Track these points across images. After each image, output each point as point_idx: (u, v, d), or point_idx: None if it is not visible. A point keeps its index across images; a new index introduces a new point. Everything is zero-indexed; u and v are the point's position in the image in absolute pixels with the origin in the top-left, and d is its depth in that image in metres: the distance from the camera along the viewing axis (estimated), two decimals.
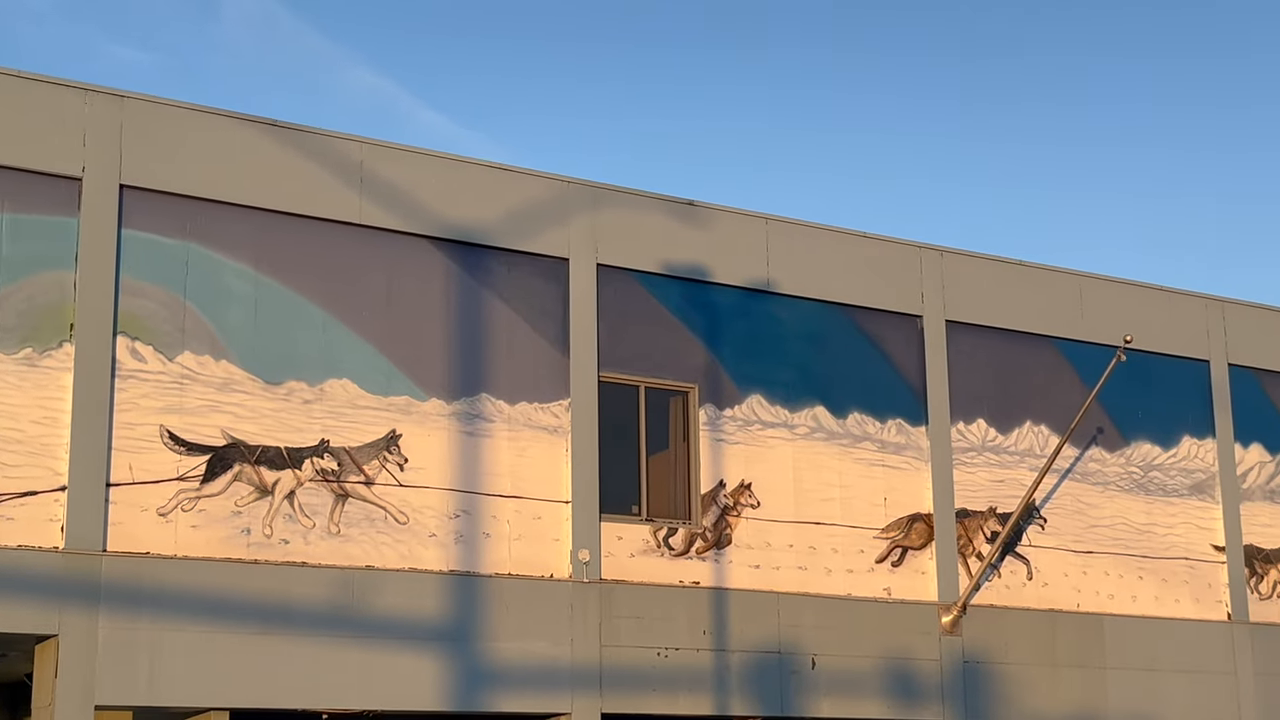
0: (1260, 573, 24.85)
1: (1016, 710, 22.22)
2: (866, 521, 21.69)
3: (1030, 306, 23.64)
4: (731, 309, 21.34)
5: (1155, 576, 23.81)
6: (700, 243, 21.15)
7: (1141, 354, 23.86)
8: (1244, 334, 25.49)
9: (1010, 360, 23.37)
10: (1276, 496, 25.33)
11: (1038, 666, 22.43)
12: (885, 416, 22.16)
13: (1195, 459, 24.65)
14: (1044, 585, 22.86)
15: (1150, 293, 24.81)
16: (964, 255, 23.28)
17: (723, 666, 20.12)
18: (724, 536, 20.61)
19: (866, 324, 22.30)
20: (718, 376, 21.06)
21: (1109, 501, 23.69)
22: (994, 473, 22.86)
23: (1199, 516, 24.47)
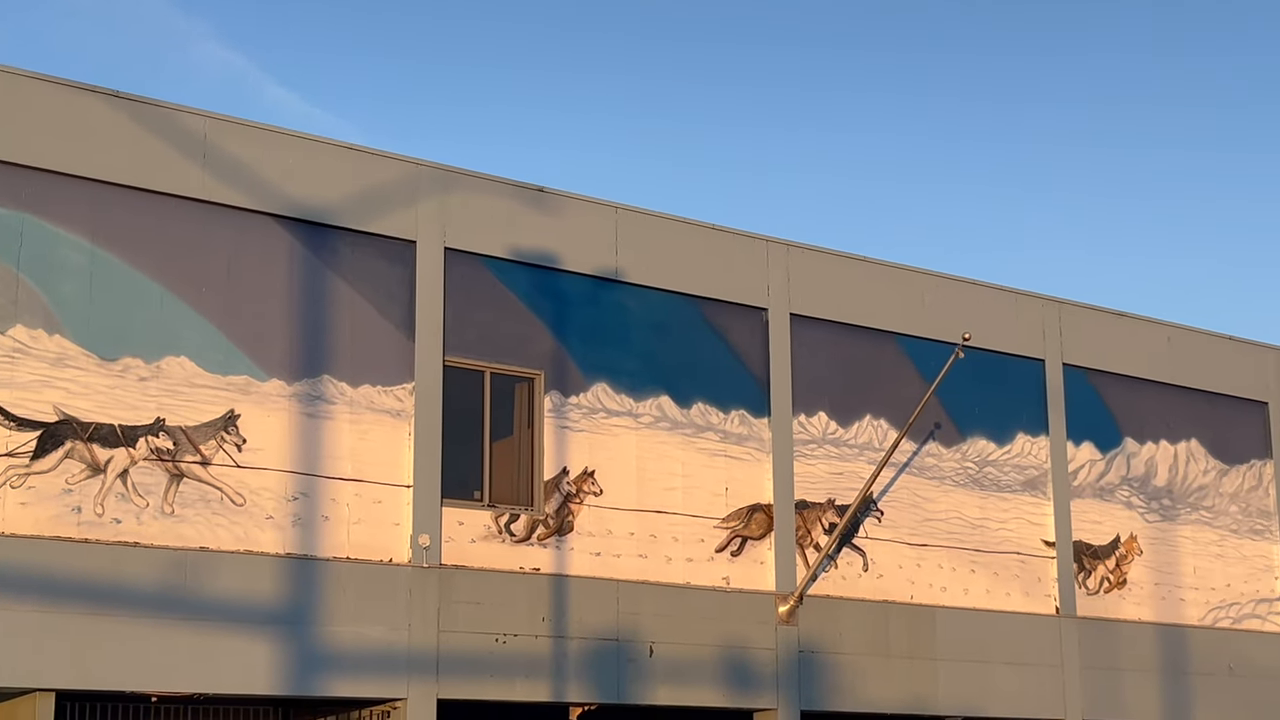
0: (1088, 568, 25.50)
1: (849, 699, 22.56)
2: (707, 511, 21.85)
3: (873, 302, 23.98)
4: (579, 297, 21.35)
5: (987, 570, 24.32)
6: (549, 229, 21.13)
7: (980, 352, 24.34)
8: (1079, 334, 26.12)
9: (853, 354, 23.69)
10: (1106, 494, 25.99)
11: (871, 657, 22.79)
12: (729, 407, 22.34)
13: (1029, 456, 25.21)
14: (879, 577, 23.22)
15: (989, 292, 25.30)
16: (810, 250, 23.53)
17: (561, 653, 20.15)
18: (566, 523, 20.62)
19: (713, 315, 22.45)
20: (564, 364, 21.06)
21: (944, 496, 24.13)
22: (833, 465, 23.16)
23: (1031, 512, 25.03)
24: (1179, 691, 25.98)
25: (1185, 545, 26.73)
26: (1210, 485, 27.33)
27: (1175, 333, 27.40)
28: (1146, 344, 26.99)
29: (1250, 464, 27.96)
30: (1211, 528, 27.14)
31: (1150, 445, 26.71)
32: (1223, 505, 27.39)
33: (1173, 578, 26.44)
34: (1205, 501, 27.18)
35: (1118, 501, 26.07)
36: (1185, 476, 27.01)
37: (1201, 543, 26.92)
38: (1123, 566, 25.88)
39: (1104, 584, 25.63)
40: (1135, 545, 26.07)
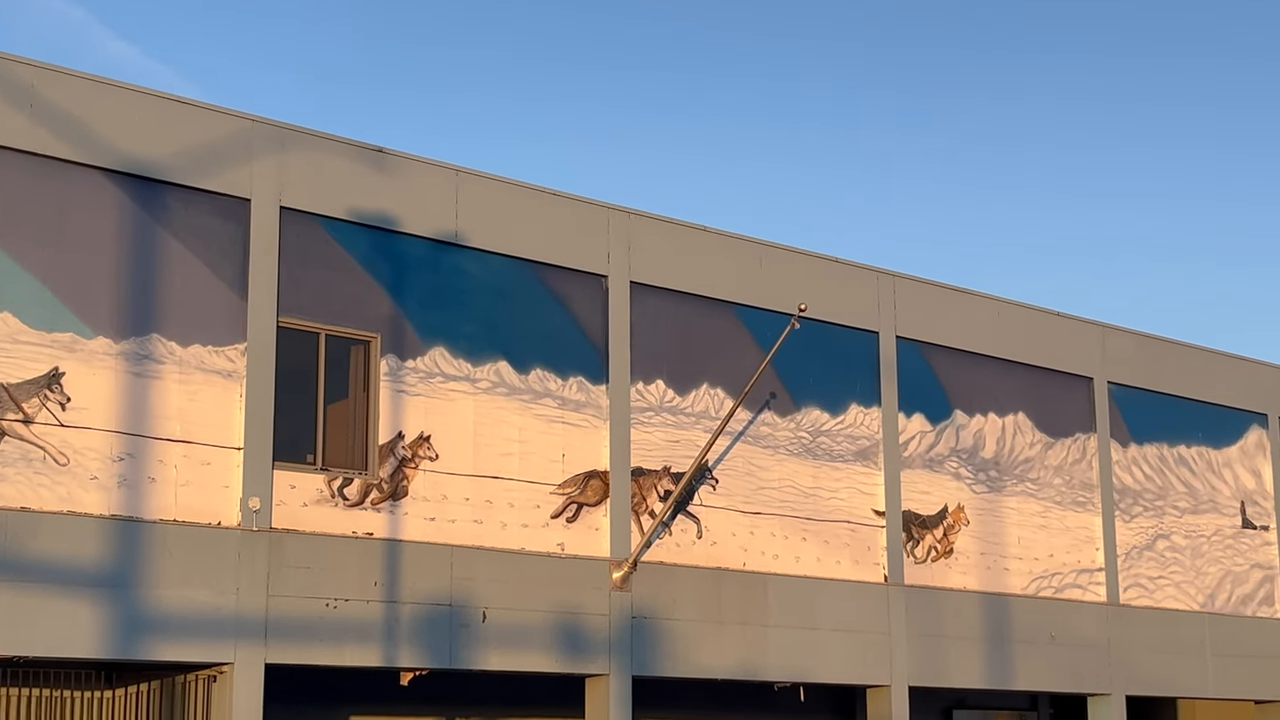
0: (917, 537, 25.98)
1: (681, 665, 22.75)
2: (544, 477, 21.84)
3: (712, 271, 24.12)
4: (418, 260, 21.16)
5: (818, 538, 24.66)
6: (388, 191, 20.90)
7: (815, 323, 24.63)
8: (912, 307, 26.55)
9: (691, 323, 23.82)
10: (935, 465, 26.49)
11: (703, 623, 23.00)
12: (567, 374, 22.34)
13: (861, 426, 25.59)
14: (713, 544, 23.43)
15: (825, 264, 25.60)
16: (651, 218, 23.59)
17: (392, 618, 20.02)
18: (400, 488, 20.48)
19: (552, 281, 22.41)
20: (401, 327, 20.87)
21: (778, 464, 24.41)
22: (670, 433, 23.29)
23: (862, 482, 25.42)
24: (1002, 658, 26.63)
25: (1011, 516, 27.36)
26: (1036, 458, 27.99)
27: (1004, 307, 28.00)
28: (976, 318, 27.53)
29: (1075, 437, 28.68)
30: (1036, 499, 27.81)
31: (979, 418, 27.27)
32: (1047, 477, 28.08)
33: (998, 548, 27.06)
34: (1031, 473, 27.84)
35: (946, 472, 26.60)
36: (1012, 449, 27.63)
37: (1026, 514, 27.58)
38: (950, 536, 26.42)
39: (931, 553, 26.14)
40: (962, 515, 26.63)
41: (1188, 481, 30.36)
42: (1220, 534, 30.73)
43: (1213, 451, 30.98)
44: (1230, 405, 31.39)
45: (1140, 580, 29.07)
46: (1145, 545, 29.34)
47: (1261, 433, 31.94)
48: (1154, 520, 29.59)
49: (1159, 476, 29.88)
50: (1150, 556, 29.38)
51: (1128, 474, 29.35)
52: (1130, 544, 29.06)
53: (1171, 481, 30.07)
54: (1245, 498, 31.38)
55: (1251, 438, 31.76)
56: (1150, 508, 29.56)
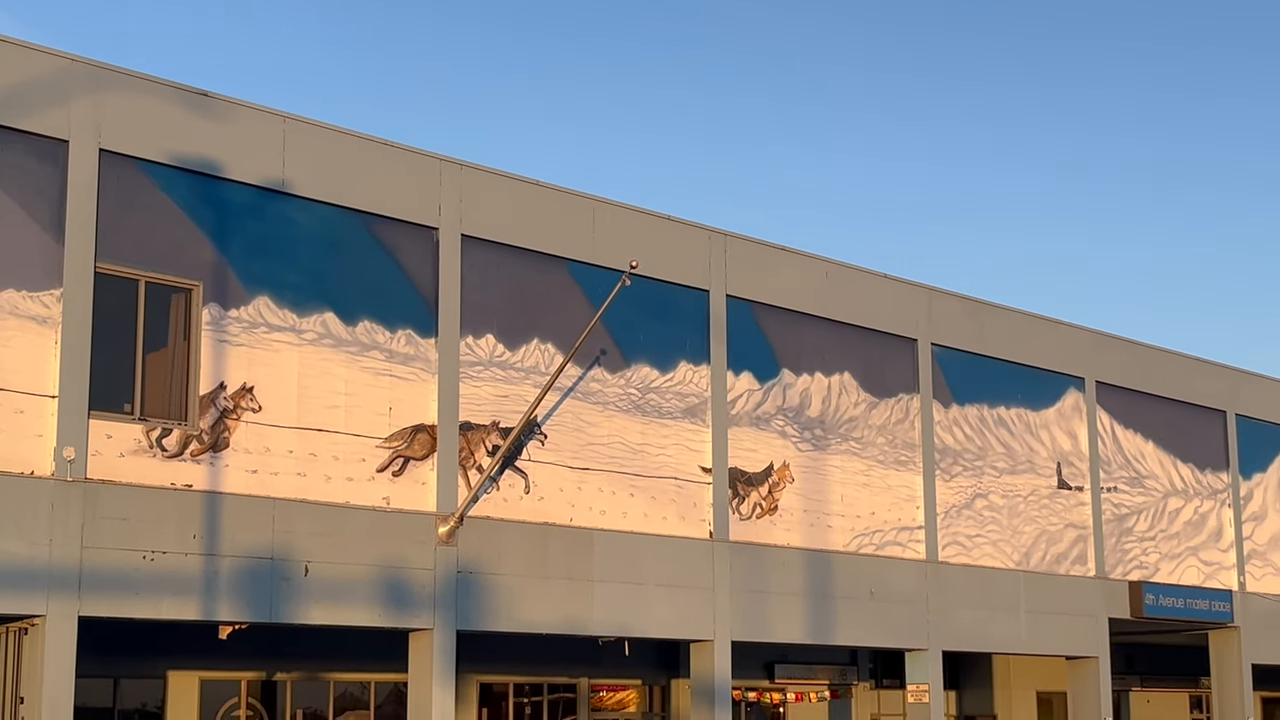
0: (742, 494, 26.25)
1: (506, 620, 22.75)
2: (370, 430, 21.63)
3: (545, 227, 24.03)
4: (243, 207, 20.76)
5: (645, 494, 24.80)
6: (214, 136, 20.45)
7: (646, 280, 24.69)
8: (742, 267, 26.74)
9: (522, 278, 23.72)
10: (762, 423, 26.77)
11: (529, 578, 23.01)
12: (395, 326, 22.11)
13: (690, 384, 25.74)
14: (540, 499, 23.43)
15: (658, 221, 25.66)
16: (483, 171, 23.41)
17: (212, 571, 19.71)
18: (221, 440, 20.13)
19: (382, 232, 22.14)
20: (224, 275, 20.47)
21: (607, 421, 24.47)
22: (499, 388, 23.20)
23: (690, 439, 25.60)
24: (824, 614, 27.06)
25: (835, 474, 27.78)
26: (860, 417, 28.43)
27: (833, 268, 28.33)
28: (806, 278, 27.83)
29: (899, 398, 29.18)
30: (860, 458, 28.26)
31: (806, 377, 27.60)
32: (871, 437, 28.54)
33: (822, 505, 27.46)
34: (855, 433, 28.27)
35: (773, 430, 26.90)
36: (837, 408, 28.03)
37: (850, 472, 28.02)
38: (775, 493, 26.74)
39: (756, 510, 26.44)
40: (788, 473, 26.97)
41: (1006, 442, 31.09)
42: (1036, 494, 31.53)
43: (1031, 413, 31.74)
44: (1049, 368, 32.18)
45: (958, 538, 29.74)
46: (964, 504, 30.01)
47: (1078, 395, 32.80)
48: (973, 480, 30.25)
49: (979, 437, 30.56)
50: (969, 515, 30.06)
51: (949, 434, 29.96)
52: (950, 503, 29.69)
53: (991, 442, 30.77)
54: (1061, 459, 32.23)
55: (1069, 400, 32.61)
56: (970, 468, 30.22)
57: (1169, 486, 34.62)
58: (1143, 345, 34.73)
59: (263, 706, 25.60)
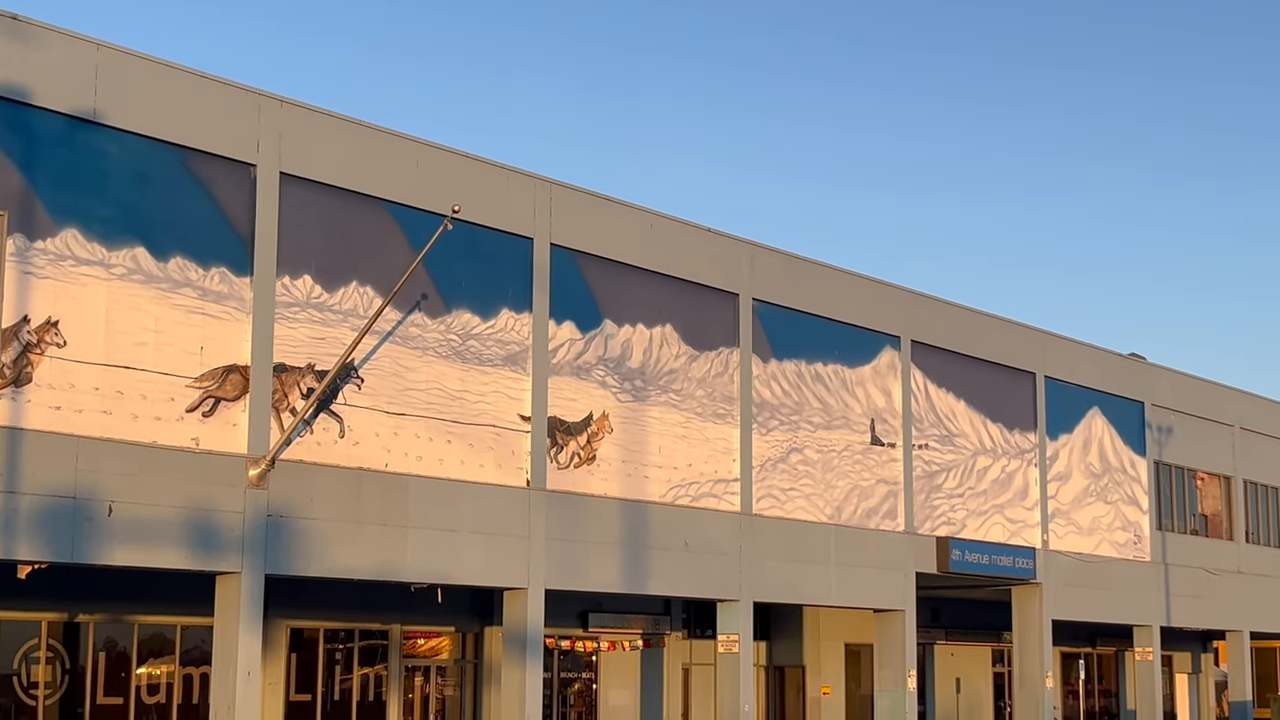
0: (561, 443, 26.25)
1: (317, 565, 22.49)
2: (180, 369, 21.15)
3: (367, 167, 23.67)
4: (52, 136, 20.08)
5: (463, 441, 24.66)
6: (22, 61, 19.73)
7: (470, 225, 24.49)
8: (568, 216, 26.65)
9: (343, 219, 23.35)
10: (583, 373, 26.78)
11: (342, 523, 22.76)
12: (209, 264, 21.62)
13: (512, 331, 25.62)
14: (355, 444, 23.16)
15: (483, 167, 25.43)
16: (305, 108, 22.96)
17: (11, 509, 19.14)
18: (24, 374, 19.52)
19: (197, 167, 21.60)
20: (31, 205, 19.81)
21: (426, 366, 24.25)
22: (316, 329, 22.85)
23: (510, 387, 25.50)
24: (638, 564, 27.23)
25: (654, 426, 27.91)
26: (680, 369, 28.58)
27: (658, 221, 28.38)
28: (630, 229, 27.84)
29: (719, 351, 29.39)
30: (679, 410, 28.43)
31: (628, 328, 27.65)
32: (690, 389, 28.72)
33: (640, 456, 27.59)
34: (675, 385, 28.42)
35: (593, 380, 26.92)
36: (658, 360, 28.15)
37: (668, 424, 28.17)
38: (594, 443, 26.79)
39: (575, 459, 26.46)
40: (607, 423, 27.03)
41: (823, 398, 31.52)
42: (850, 449, 32.04)
43: (848, 370, 32.21)
44: (866, 326, 32.68)
45: (773, 491, 30.12)
46: (779, 458, 30.38)
47: (894, 354, 33.38)
48: (789, 434, 30.64)
49: (796, 392, 30.94)
50: (784, 469, 30.45)
51: (767, 388, 30.28)
52: (765, 456, 30.04)
53: (808, 397, 31.17)
54: (876, 416, 32.79)
55: (884, 358, 33.16)
56: (786, 422, 30.59)
57: (978, 445, 35.45)
58: (957, 306, 35.44)
59: (64, 648, 25.00)
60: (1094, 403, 39.47)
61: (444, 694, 30.49)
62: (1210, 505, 44.13)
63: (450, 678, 30.66)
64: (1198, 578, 42.54)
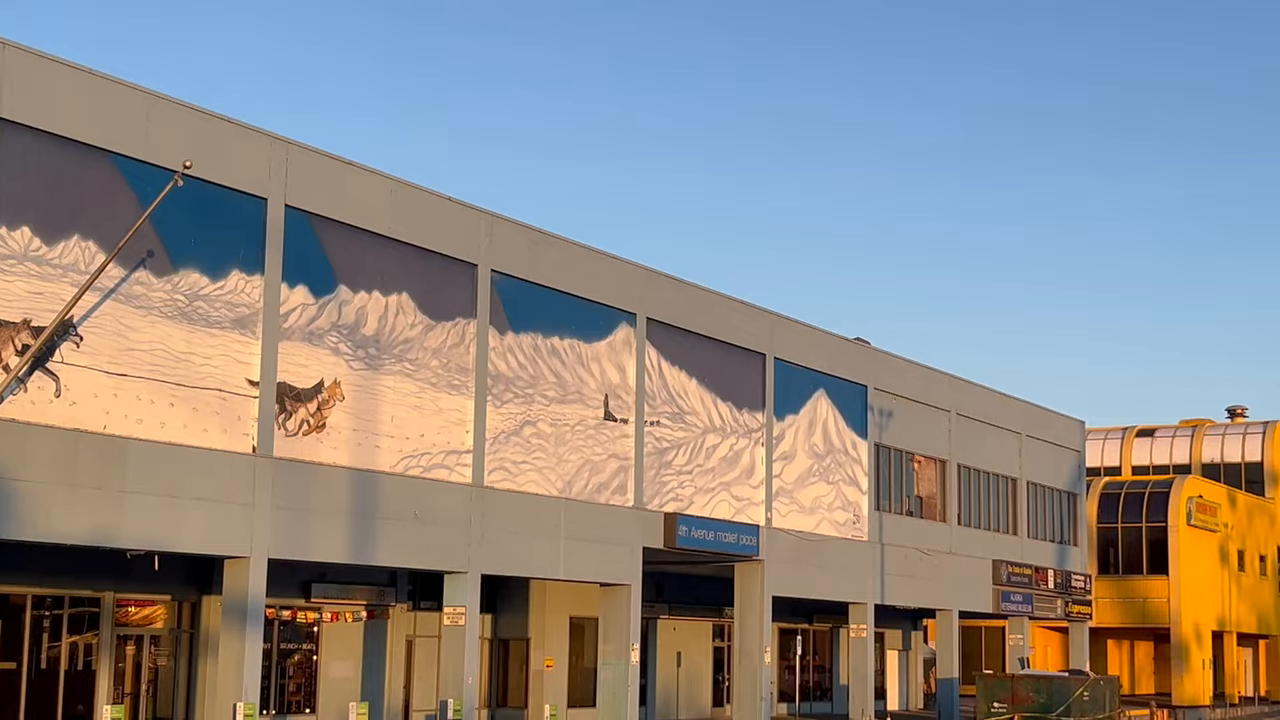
0: (290, 410, 25.65)
1: (29, 529, 21.54)
2: None
3: (94, 118, 22.68)
4: None
5: (187, 405, 23.87)
6: None
7: (202, 182, 23.70)
8: (305, 177, 26.01)
9: (66, 170, 22.34)
10: (315, 338, 26.20)
11: (56, 486, 21.83)
12: None
13: (242, 294, 24.90)
14: (72, 404, 22.22)
15: (218, 123, 24.62)
16: (28, 52, 21.88)
17: None
18: None
19: None
20: None
21: (150, 326, 23.39)
22: (34, 284, 21.82)
23: (238, 350, 24.79)
24: (366, 534, 26.82)
25: (386, 395, 27.50)
26: (416, 339, 28.21)
27: (398, 187, 27.94)
28: (370, 195, 27.34)
29: (456, 322, 29.11)
30: (413, 380, 28.07)
31: (363, 294, 27.17)
32: (426, 359, 28.38)
33: (371, 425, 27.15)
34: (410, 354, 28.04)
35: (326, 347, 26.38)
36: (393, 328, 27.72)
37: (402, 393, 27.79)
38: (324, 411, 26.26)
39: (304, 427, 25.90)
40: (338, 391, 26.52)
41: (558, 372, 31.53)
42: (584, 424, 32.13)
43: (584, 345, 32.28)
44: (603, 302, 32.78)
45: (505, 464, 30.00)
46: (513, 431, 30.27)
47: (630, 330, 33.57)
48: (523, 407, 30.55)
49: (532, 365, 30.86)
50: (517, 442, 30.35)
51: (503, 361, 30.13)
52: (499, 429, 29.90)
53: (543, 371, 31.13)
54: (610, 391, 32.94)
55: (620, 334, 33.33)
56: (521, 395, 30.50)
57: (708, 423, 35.94)
58: (692, 285, 35.83)
59: None
60: (820, 385, 40.42)
61: (157, 664, 29.57)
62: (926, 488, 45.67)
63: (164, 647, 29.75)
64: (911, 558, 44.00)
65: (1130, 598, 61.55)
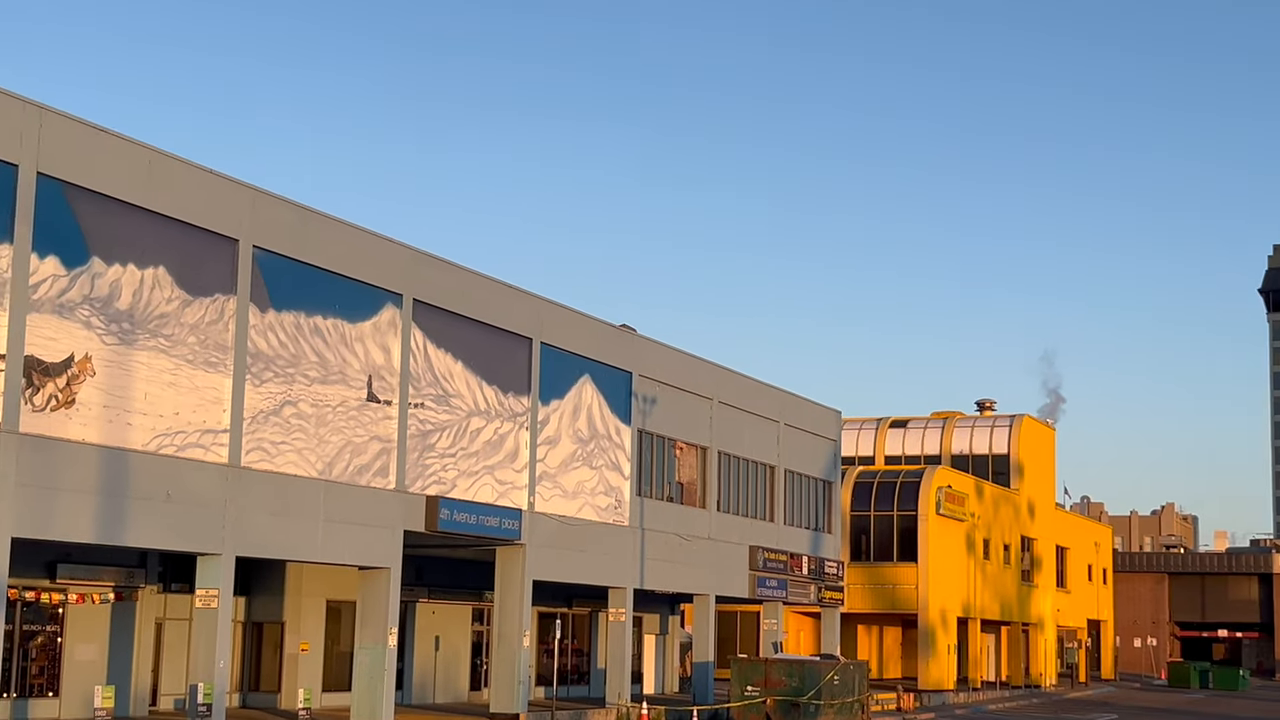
0: (37, 385, 24.73)
1: None
2: None
3: None
4: None
5: None
6: None
7: None
8: (60, 144, 25.08)
9: None
10: (65, 311, 25.30)
11: None
12: None
13: None
14: None
15: None
16: None
17: None
18: None
19: None
20: None
21: None
22: None
23: None
24: (116, 514, 26.01)
25: (140, 371, 26.70)
26: (173, 314, 27.44)
27: (156, 158, 27.12)
28: (128, 165, 26.50)
29: (215, 298, 28.41)
30: (169, 356, 27.30)
31: (118, 267, 26.33)
32: (182, 335, 27.63)
33: (124, 401, 26.34)
34: (166, 329, 27.27)
35: (77, 320, 25.49)
36: (149, 303, 26.92)
37: (156, 370, 27.01)
38: (74, 386, 25.39)
39: (52, 402, 25.00)
40: (89, 366, 25.65)
41: (321, 352, 31.01)
42: (346, 405, 31.68)
43: (348, 325, 31.81)
44: (369, 282, 32.36)
45: (263, 444, 29.41)
46: (272, 410, 29.69)
47: (396, 311, 33.20)
48: (284, 386, 29.99)
49: (294, 344, 30.30)
50: (276, 422, 29.78)
51: (263, 339, 29.52)
52: (258, 408, 29.29)
53: (305, 350, 30.59)
54: (374, 372, 32.54)
55: (385, 315, 32.94)
56: (281, 374, 29.93)
57: (473, 406, 35.78)
58: (460, 267, 35.61)
59: None
60: (586, 371, 40.57)
61: None
62: (687, 474, 46.23)
63: None
64: (671, 543, 44.49)
65: (881, 584, 63.31)
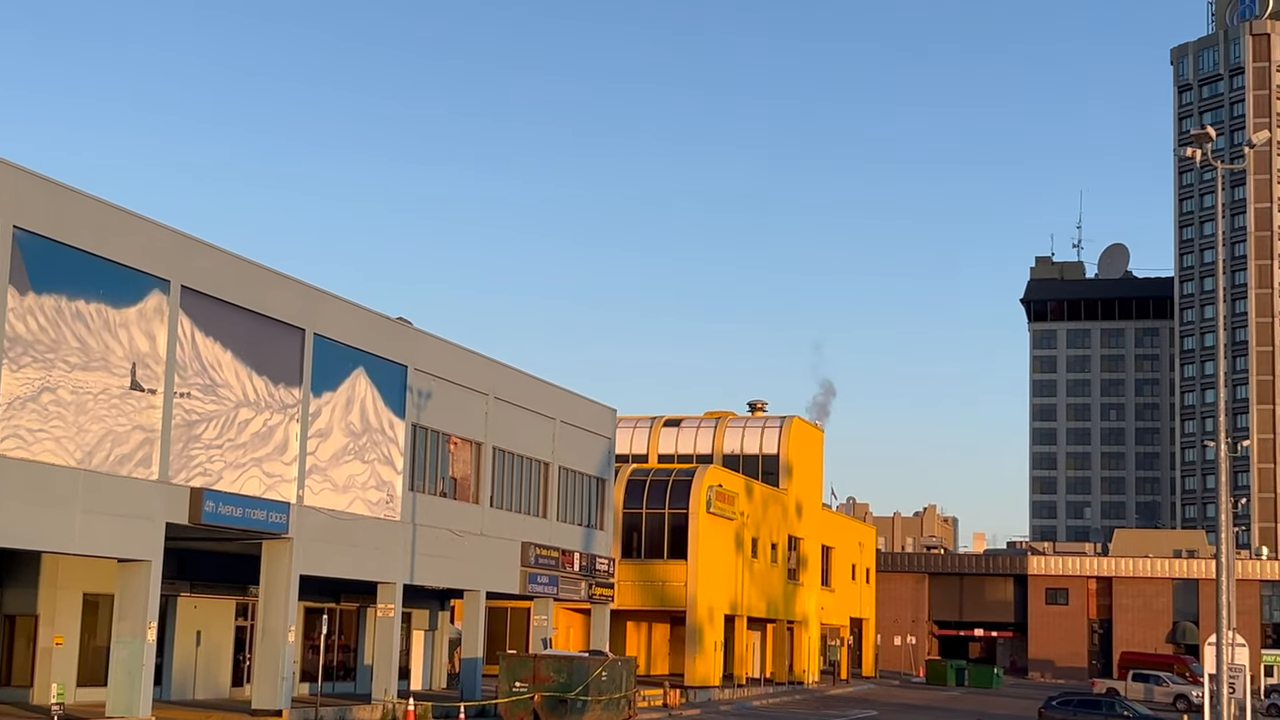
0: None
1: None
2: None
3: None
4: None
5: None
6: None
7: None
8: None
9: None
10: None
11: None
12: None
13: None
14: None
15: None
16: None
17: None
18: None
19: None
20: None
21: None
22: None
23: None
24: None
25: None
26: None
27: None
28: None
29: None
30: None
31: None
32: None
33: None
34: None
35: None
36: None
37: None
38: None
39: None
40: None
41: (83, 338, 30.04)
42: (108, 393, 30.74)
43: (112, 310, 30.87)
44: (135, 266, 31.45)
45: (20, 431, 28.37)
46: (30, 397, 28.65)
47: (162, 298, 32.32)
48: (43, 372, 28.97)
49: (54, 329, 29.28)
50: (33, 409, 28.75)
51: (22, 323, 28.47)
52: (15, 394, 28.24)
53: (66, 335, 29.59)
54: (138, 360, 31.63)
55: (152, 301, 32.04)
56: (41, 359, 28.90)
57: (242, 397, 35.03)
58: (231, 254, 34.84)
59: None
60: (360, 363, 40.05)
61: None
62: (461, 469, 45.97)
63: None
64: (443, 538, 44.19)
65: (651, 581, 63.83)
